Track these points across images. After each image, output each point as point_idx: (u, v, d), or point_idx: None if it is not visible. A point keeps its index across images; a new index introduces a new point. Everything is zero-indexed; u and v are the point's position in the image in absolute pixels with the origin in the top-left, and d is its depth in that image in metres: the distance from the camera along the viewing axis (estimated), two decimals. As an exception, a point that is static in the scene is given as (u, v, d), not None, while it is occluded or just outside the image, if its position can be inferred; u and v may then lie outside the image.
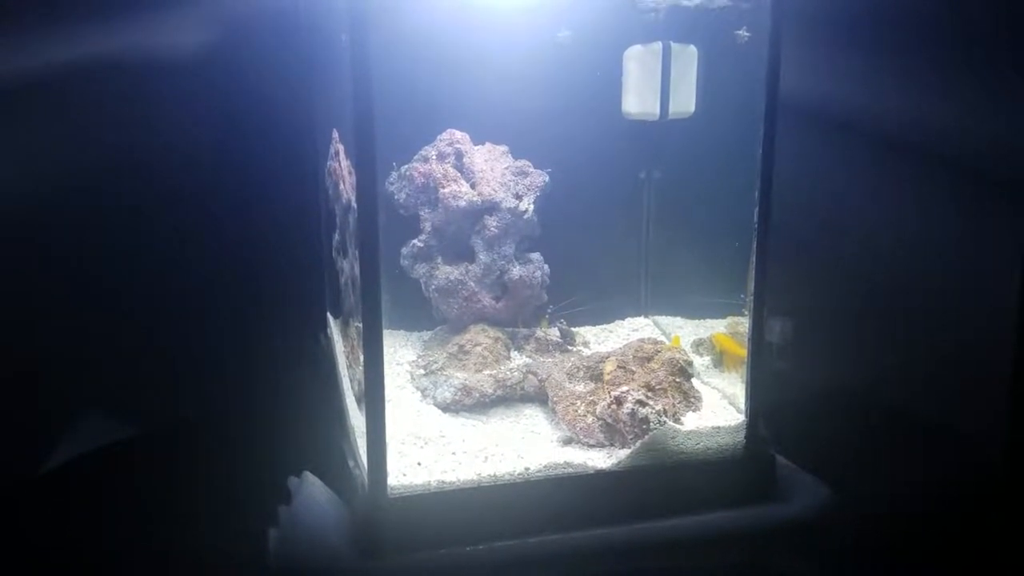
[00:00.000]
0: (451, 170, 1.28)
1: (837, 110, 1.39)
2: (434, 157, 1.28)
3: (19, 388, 1.21)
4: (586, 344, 1.35)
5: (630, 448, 1.05)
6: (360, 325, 1.00)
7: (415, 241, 1.29)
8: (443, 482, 1.00)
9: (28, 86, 1.19)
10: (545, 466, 1.03)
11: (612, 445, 1.08)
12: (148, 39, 1.26)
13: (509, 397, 1.20)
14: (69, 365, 1.25)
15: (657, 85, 1.23)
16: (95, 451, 1.25)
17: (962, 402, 1.28)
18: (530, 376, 1.21)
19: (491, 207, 1.27)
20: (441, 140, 1.30)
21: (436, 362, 1.23)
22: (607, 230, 1.42)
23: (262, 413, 1.29)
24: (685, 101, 1.24)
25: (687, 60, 1.22)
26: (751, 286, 1.08)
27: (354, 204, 0.99)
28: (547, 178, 1.30)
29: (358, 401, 1.06)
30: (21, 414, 1.21)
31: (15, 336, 1.21)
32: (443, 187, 1.26)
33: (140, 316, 1.32)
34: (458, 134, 1.30)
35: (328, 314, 1.31)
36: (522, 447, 1.08)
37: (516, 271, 1.28)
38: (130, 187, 1.29)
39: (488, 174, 1.28)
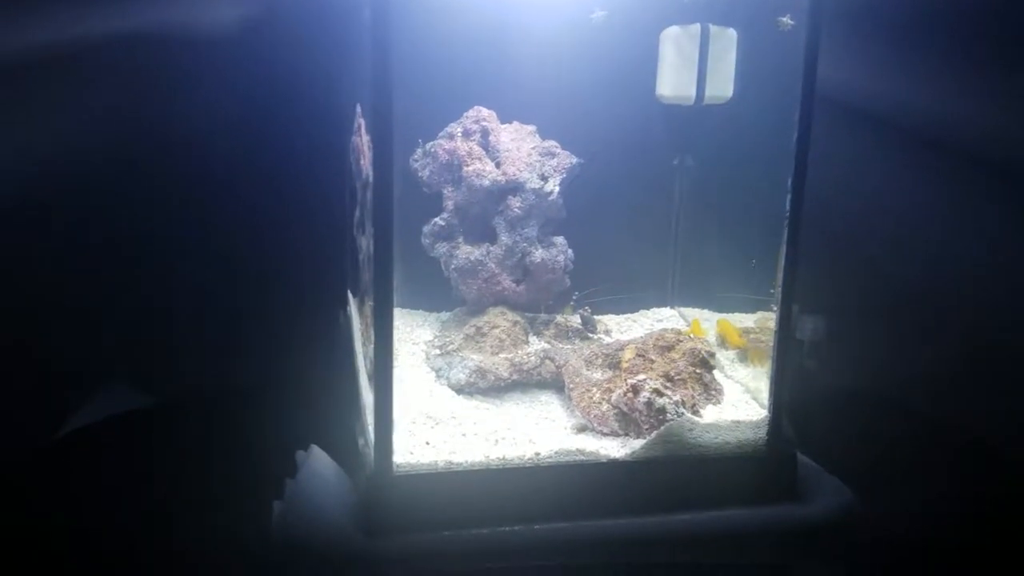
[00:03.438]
0: (476, 148, 1.25)
1: (876, 105, 1.35)
2: (459, 134, 1.26)
3: (41, 357, 1.23)
4: (607, 332, 1.32)
5: (645, 439, 1.02)
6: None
7: (437, 219, 1.26)
8: (451, 462, 0.99)
9: (58, 58, 1.19)
10: (556, 452, 1.01)
11: (627, 435, 1.05)
12: (177, 12, 1.26)
13: (525, 382, 1.18)
14: (88, 335, 1.27)
15: (693, 68, 1.18)
16: (110, 420, 1.26)
17: (997, 410, 1.22)
18: (547, 362, 1.18)
19: (515, 187, 1.24)
20: (467, 117, 1.27)
21: (452, 343, 1.21)
22: (636, 217, 1.39)
23: (276, 387, 1.29)
24: (722, 86, 1.19)
25: (726, 43, 1.18)
26: (780, 279, 1.04)
27: (372, 180, 0.98)
28: (575, 160, 1.27)
29: (370, 379, 1.05)
30: (42, 384, 1.22)
31: (38, 307, 1.22)
32: (467, 165, 1.23)
33: (162, 288, 1.33)
34: (485, 111, 1.28)
35: (348, 292, 1.30)
36: (534, 432, 1.06)
37: (538, 254, 1.25)
38: (157, 159, 1.30)
39: (514, 153, 1.25)
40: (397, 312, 1.32)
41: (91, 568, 0.96)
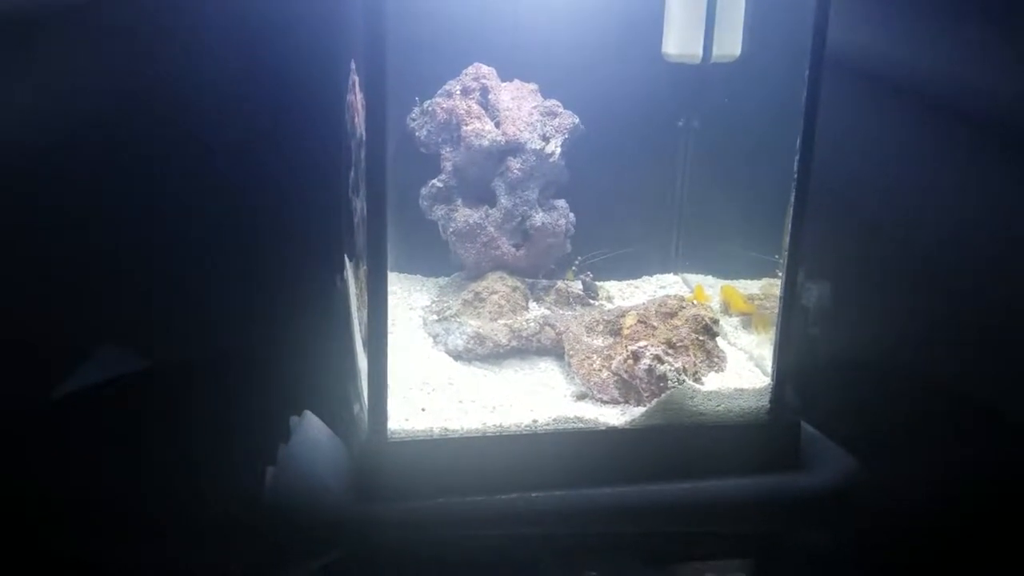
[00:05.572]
0: (475, 107, 1.21)
1: (890, 67, 1.31)
2: (458, 92, 1.22)
3: (37, 319, 1.21)
4: (609, 298, 1.29)
5: (645, 406, 1.00)
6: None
7: (434, 181, 1.23)
8: (446, 429, 0.97)
9: (52, 16, 1.16)
10: (554, 420, 0.99)
11: (627, 402, 1.03)
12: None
13: (524, 349, 1.16)
14: (81, 299, 1.25)
15: (701, 25, 1.14)
16: (104, 383, 1.24)
17: (1004, 378, 1.20)
18: (547, 328, 1.16)
19: (516, 148, 1.20)
20: (466, 74, 1.23)
21: (450, 308, 1.18)
22: (640, 180, 1.35)
23: (270, 352, 1.27)
24: (730, 44, 1.15)
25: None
26: (786, 242, 1.01)
27: (365, 139, 0.94)
28: (577, 120, 1.23)
29: (365, 344, 1.03)
30: (38, 344, 1.21)
31: (35, 267, 1.21)
32: (466, 124, 1.20)
33: (156, 252, 1.31)
34: (484, 69, 1.23)
35: (344, 255, 1.27)
36: (533, 400, 1.04)
37: (539, 218, 1.22)
38: (152, 118, 1.27)
39: (514, 113, 1.21)
40: (394, 277, 1.32)
41: (84, 530, 0.96)
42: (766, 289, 1.17)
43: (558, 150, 1.21)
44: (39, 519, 0.96)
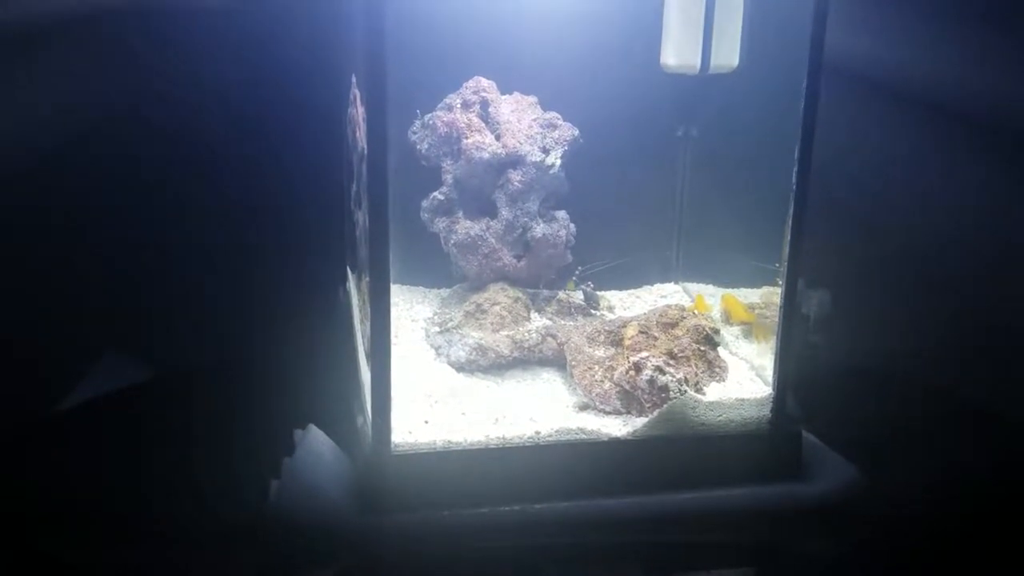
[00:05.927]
0: (475, 120, 1.22)
1: (889, 74, 1.31)
2: (458, 106, 1.23)
3: (41, 329, 1.22)
4: (610, 308, 1.30)
5: (647, 417, 1.01)
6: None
7: (435, 194, 1.24)
8: (450, 442, 0.97)
9: (57, 26, 1.17)
10: (557, 431, 0.99)
11: (629, 413, 1.04)
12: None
13: (526, 359, 1.16)
14: (87, 310, 1.25)
15: (699, 35, 1.15)
16: (108, 395, 1.25)
17: (1007, 387, 1.20)
18: (549, 339, 1.16)
19: (516, 160, 1.21)
20: (467, 88, 1.24)
21: (452, 320, 1.19)
22: (639, 190, 1.36)
23: (274, 365, 1.28)
24: (728, 54, 1.16)
25: (732, 9, 1.14)
26: (785, 252, 1.02)
27: (366, 152, 0.95)
28: (577, 132, 1.24)
29: (368, 356, 1.03)
30: (41, 354, 1.21)
31: (39, 279, 1.21)
32: (466, 137, 1.20)
33: (162, 263, 1.32)
34: (484, 82, 1.24)
35: (347, 268, 1.28)
36: (535, 411, 1.04)
37: (539, 229, 1.23)
38: (154, 132, 1.28)
39: (514, 125, 1.22)
40: (396, 289, 1.32)
41: (84, 541, 0.96)
42: (766, 297, 1.17)
43: (558, 162, 1.22)
44: (43, 529, 0.96)
